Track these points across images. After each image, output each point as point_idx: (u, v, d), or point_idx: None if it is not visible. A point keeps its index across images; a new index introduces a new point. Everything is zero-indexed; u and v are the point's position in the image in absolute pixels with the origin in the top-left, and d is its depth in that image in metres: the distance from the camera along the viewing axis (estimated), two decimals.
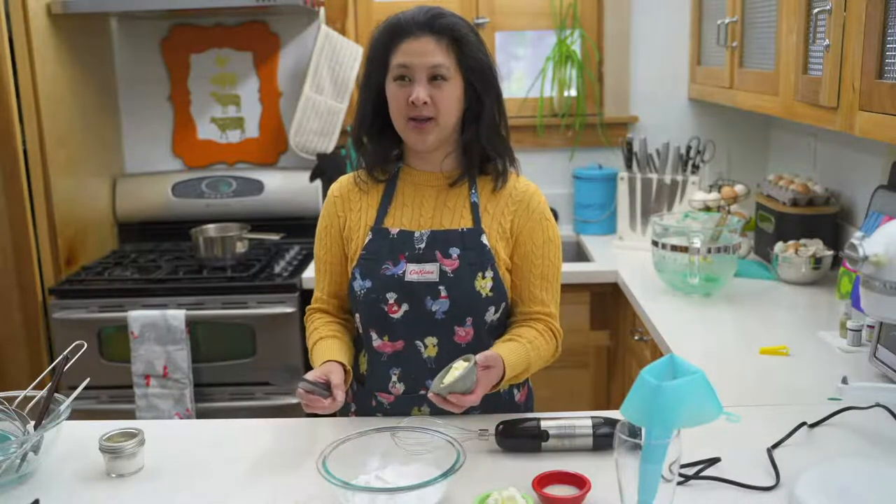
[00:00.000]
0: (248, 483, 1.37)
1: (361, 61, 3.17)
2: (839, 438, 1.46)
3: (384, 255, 1.56)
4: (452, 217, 1.58)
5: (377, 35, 1.56)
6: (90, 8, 2.80)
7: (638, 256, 2.79)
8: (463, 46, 1.52)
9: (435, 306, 1.54)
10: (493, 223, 1.58)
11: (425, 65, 1.49)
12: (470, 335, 1.56)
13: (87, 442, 1.45)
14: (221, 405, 2.73)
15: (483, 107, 1.55)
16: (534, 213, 1.60)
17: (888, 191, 2.10)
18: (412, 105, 1.49)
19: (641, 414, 1.10)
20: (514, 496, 1.21)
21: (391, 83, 1.53)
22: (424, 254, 1.55)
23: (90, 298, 2.71)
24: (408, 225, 1.58)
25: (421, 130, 1.52)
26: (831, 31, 1.75)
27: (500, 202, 1.60)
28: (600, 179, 3.18)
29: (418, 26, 1.50)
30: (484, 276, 1.54)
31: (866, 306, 1.33)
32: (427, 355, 1.57)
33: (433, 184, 1.61)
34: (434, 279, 1.54)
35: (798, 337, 2.00)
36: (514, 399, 1.67)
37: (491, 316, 1.57)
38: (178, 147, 3.34)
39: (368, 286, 1.56)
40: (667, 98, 3.23)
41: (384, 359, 1.60)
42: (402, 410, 1.60)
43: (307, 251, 3.07)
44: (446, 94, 1.51)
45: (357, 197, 1.63)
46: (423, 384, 1.58)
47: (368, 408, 1.64)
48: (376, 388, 1.62)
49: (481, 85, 1.54)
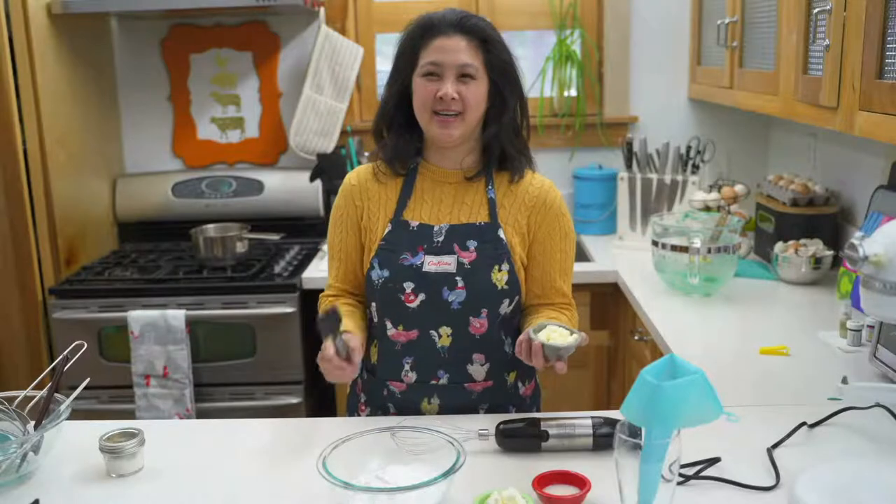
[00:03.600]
0: (248, 483, 1.37)
1: (360, 62, 3.17)
2: (839, 438, 1.46)
3: (403, 246, 1.59)
4: (470, 212, 1.62)
5: (408, 32, 1.61)
6: (90, 8, 2.80)
7: (638, 256, 2.79)
8: (491, 48, 1.57)
9: (451, 297, 1.57)
10: (509, 218, 1.62)
11: (455, 62, 1.54)
12: (484, 326, 1.59)
13: (87, 442, 1.44)
14: (221, 405, 2.73)
15: (506, 107, 1.60)
16: (550, 209, 1.64)
17: (888, 191, 2.10)
18: (439, 100, 1.54)
19: (641, 414, 1.10)
20: (514, 496, 1.21)
21: (418, 79, 1.57)
22: (443, 246, 1.59)
23: (90, 298, 2.71)
24: (427, 219, 1.62)
25: (447, 124, 1.56)
26: (831, 31, 1.75)
27: (516, 199, 1.63)
28: (600, 179, 3.18)
29: (450, 26, 1.56)
30: (500, 269, 1.58)
31: (866, 306, 1.33)
32: (441, 345, 1.59)
33: (451, 180, 1.64)
34: (451, 270, 1.57)
35: (798, 337, 2.00)
36: (520, 392, 1.69)
37: (505, 308, 1.60)
38: (178, 147, 3.34)
39: (386, 275, 1.58)
40: (667, 98, 3.23)
41: (398, 347, 1.62)
42: (413, 399, 1.62)
43: (307, 251, 3.07)
44: (473, 91, 1.55)
45: (375, 188, 1.66)
46: (434, 374, 1.61)
47: (380, 397, 1.65)
48: (388, 377, 1.64)
49: (507, 86, 1.59)
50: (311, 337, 2.85)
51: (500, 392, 1.64)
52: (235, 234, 2.91)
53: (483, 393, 1.63)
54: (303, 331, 2.73)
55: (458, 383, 1.61)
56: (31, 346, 2.74)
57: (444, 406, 1.61)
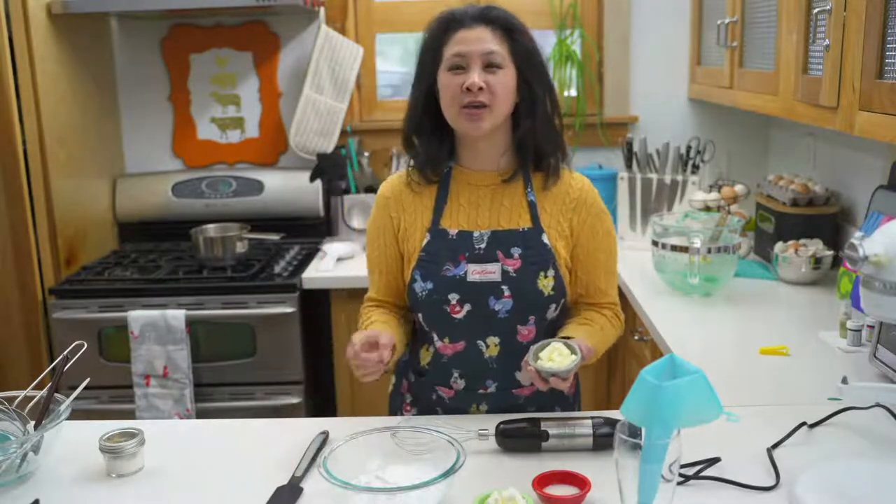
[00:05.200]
0: (248, 483, 1.36)
1: (360, 62, 3.17)
2: (839, 438, 1.46)
3: (444, 256, 1.56)
4: (510, 216, 1.59)
5: (431, 29, 1.58)
6: (90, 8, 2.80)
7: (638, 256, 2.79)
8: (515, 35, 1.54)
9: (498, 306, 1.55)
10: (551, 222, 1.59)
11: (480, 52, 1.51)
12: (532, 333, 1.57)
13: (87, 442, 1.44)
14: (221, 405, 2.73)
15: (536, 99, 1.56)
16: (592, 208, 1.61)
17: (888, 191, 2.10)
18: (466, 91, 1.49)
19: (641, 414, 1.10)
20: (514, 496, 1.21)
21: (444, 74, 1.53)
22: (485, 254, 1.56)
23: (90, 298, 2.71)
24: (465, 225, 1.59)
25: (475, 116, 1.51)
26: (831, 31, 1.75)
27: (557, 201, 1.60)
28: (600, 179, 3.17)
29: (472, 17, 1.54)
30: (546, 275, 1.56)
31: (866, 306, 1.33)
32: (489, 355, 1.58)
33: (487, 183, 1.60)
34: (496, 279, 1.54)
35: (798, 337, 1.99)
36: (564, 392, 1.65)
37: (552, 313, 1.59)
38: (178, 147, 3.34)
39: (430, 288, 1.56)
40: (667, 98, 3.23)
41: (445, 360, 1.60)
42: (462, 406, 1.62)
43: (307, 251, 3.07)
44: (501, 80, 1.51)
45: (410, 198, 1.63)
46: (483, 383, 1.60)
47: (429, 401, 1.65)
48: (437, 383, 1.63)
49: (534, 75, 1.55)
50: (311, 337, 2.85)
51: (547, 394, 1.61)
52: (235, 234, 2.91)
53: (530, 397, 1.62)
54: (303, 331, 2.73)
55: (506, 389, 1.60)
56: (31, 346, 2.74)
57: (492, 410, 1.61)
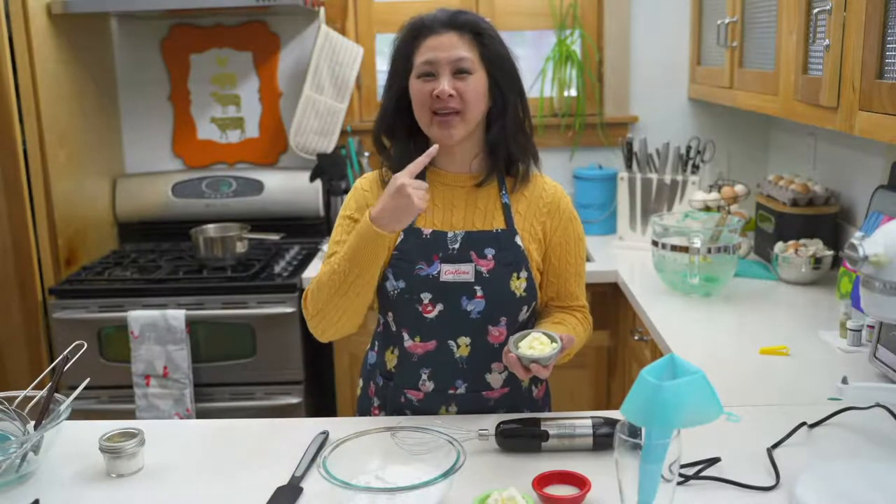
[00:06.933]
0: (248, 483, 1.36)
1: (360, 62, 3.17)
2: (839, 438, 1.46)
3: (417, 255, 1.56)
4: (485, 218, 1.60)
5: (400, 36, 1.58)
6: (90, 8, 2.80)
7: (638, 256, 2.79)
8: (485, 41, 1.54)
9: (470, 306, 1.55)
10: (525, 224, 1.60)
11: (449, 59, 1.51)
12: (503, 335, 1.57)
13: (87, 442, 1.44)
14: (221, 405, 2.73)
15: (507, 103, 1.56)
16: (564, 213, 1.64)
17: (888, 191, 2.10)
18: (437, 99, 1.50)
19: (641, 414, 1.10)
20: (514, 496, 1.21)
21: (415, 81, 1.54)
22: (459, 254, 1.56)
23: (90, 298, 2.71)
24: (440, 226, 1.59)
25: (446, 124, 1.52)
26: (831, 30, 1.75)
27: (531, 205, 1.62)
28: (600, 179, 3.18)
29: (441, 24, 1.53)
30: (519, 277, 1.57)
31: (866, 306, 1.33)
32: (459, 355, 1.58)
33: (462, 184, 1.61)
34: (470, 279, 1.55)
35: (798, 337, 1.99)
36: (533, 395, 1.68)
37: (523, 315, 1.60)
38: (178, 147, 3.34)
39: (402, 286, 1.56)
40: (667, 98, 3.23)
41: (414, 359, 1.60)
42: (431, 408, 1.61)
43: (307, 251, 3.07)
44: (471, 86, 1.52)
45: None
46: (452, 383, 1.60)
47: (397, 404, 1.64)
48: (405, 386, 1.62)
49: (504, 80, 1.56)
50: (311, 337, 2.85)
51: (516, 397, 1.63)
52: (235, 234, 2.91)
53: (500, 399, 1.62)
54: (303, 331, 2.73)
55: (475, 391, 1.60)
56: (31, 346, 2.74)
57: (462, 412, 1.61)
